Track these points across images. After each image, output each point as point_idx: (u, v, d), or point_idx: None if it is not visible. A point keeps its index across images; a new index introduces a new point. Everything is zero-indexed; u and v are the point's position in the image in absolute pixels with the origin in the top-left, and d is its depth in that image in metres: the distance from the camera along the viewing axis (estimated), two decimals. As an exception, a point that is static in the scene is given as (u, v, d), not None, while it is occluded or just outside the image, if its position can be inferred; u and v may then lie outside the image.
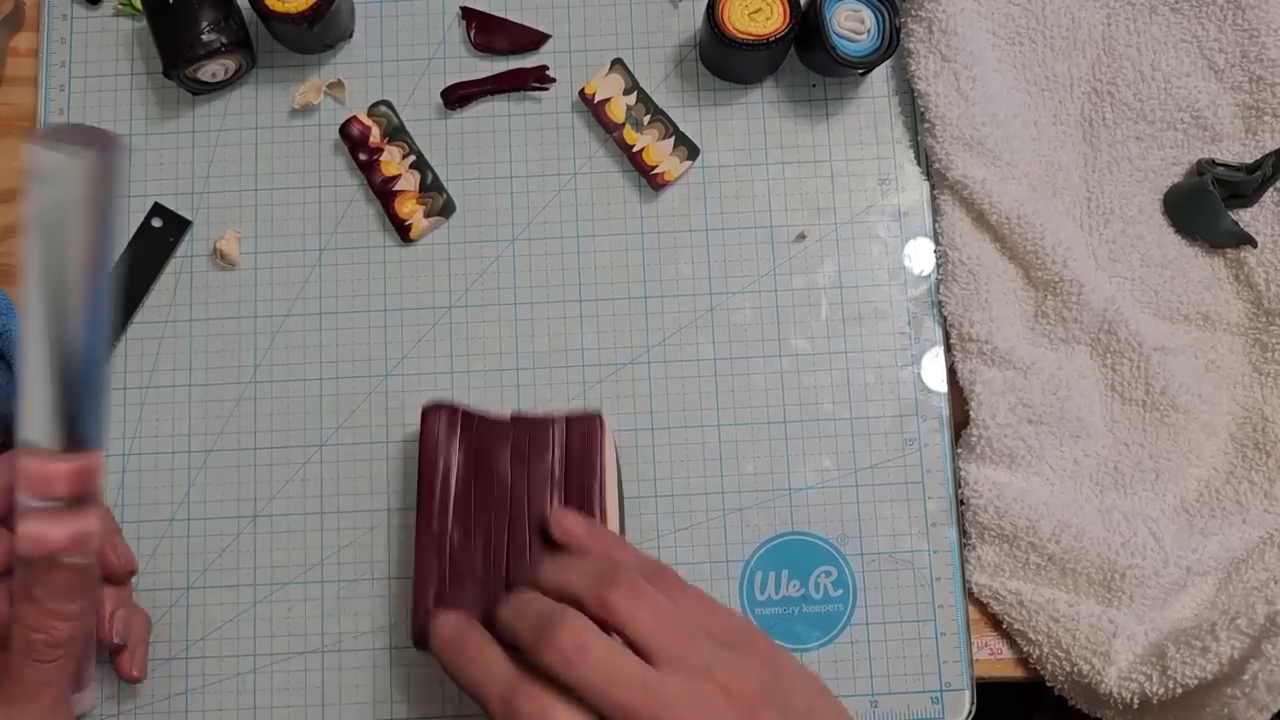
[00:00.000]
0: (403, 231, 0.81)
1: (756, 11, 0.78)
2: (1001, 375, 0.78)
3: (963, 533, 0.78)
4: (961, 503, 0.78)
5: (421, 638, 0.71)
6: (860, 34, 0.78)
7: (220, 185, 0.82)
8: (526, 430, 0.73)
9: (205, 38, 0.78)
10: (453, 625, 0.65)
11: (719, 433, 0.79)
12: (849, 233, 0.82)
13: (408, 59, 0.84)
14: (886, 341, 0.81)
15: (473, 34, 0.83)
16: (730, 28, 0.77)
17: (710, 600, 0.64)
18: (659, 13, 0.84)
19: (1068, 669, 0.74)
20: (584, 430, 0.73)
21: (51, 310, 0.59)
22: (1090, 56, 0.83)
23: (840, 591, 0.77)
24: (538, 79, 0.83)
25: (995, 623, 0.78)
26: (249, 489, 0.79)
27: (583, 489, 0.71)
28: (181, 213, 0.81)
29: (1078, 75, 0.83)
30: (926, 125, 0.80)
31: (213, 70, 0.80)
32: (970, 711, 0.76)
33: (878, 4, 0.78)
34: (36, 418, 0.60)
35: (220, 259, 0.80)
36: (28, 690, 0.62)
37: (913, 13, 0.80)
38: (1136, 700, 0.72)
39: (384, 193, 0.81)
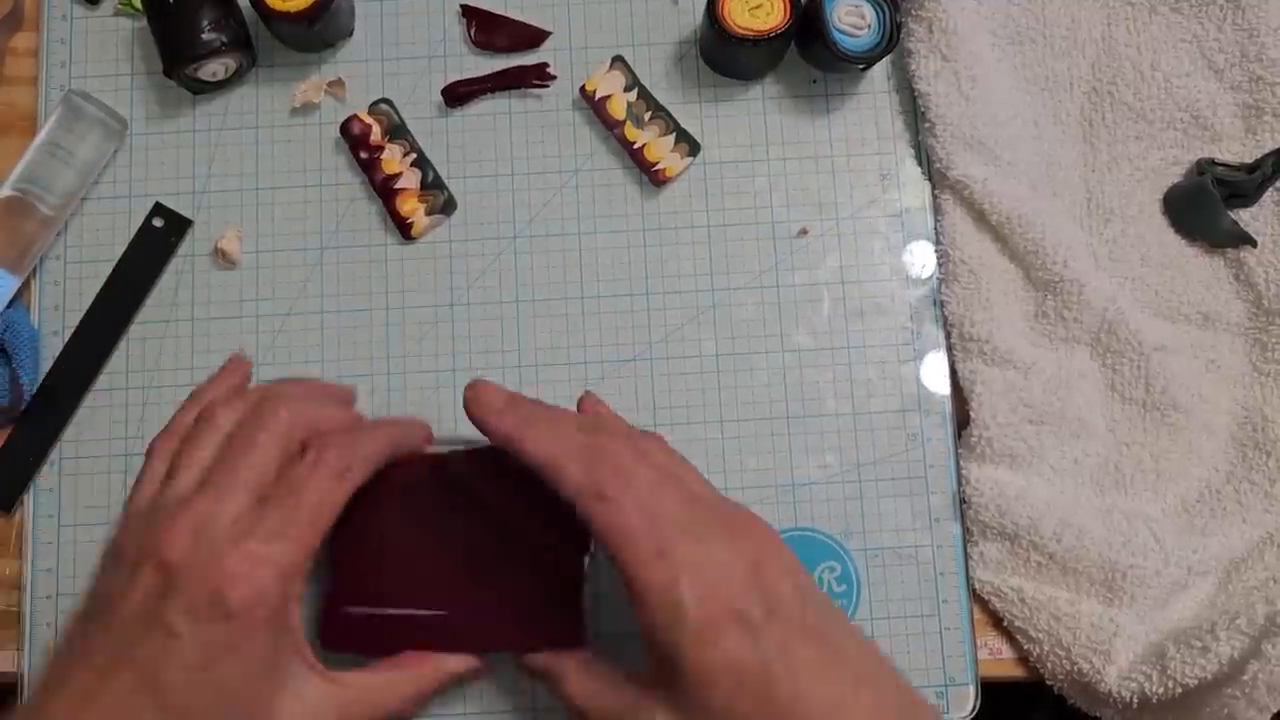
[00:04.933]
0: (404, 229, 0.81)
1: (757, 7, 0.78)
2: (1002, 375, 0.78)
3: (965, 529, 0.78)
4: (963, 500, 0.78)
5: (332, 638, 0.70)
6: (860, 29, 0.78)
7: (221, 184, 0.82)
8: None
9: (205, 37, 0.78)
10: (501, 393, 0.66)
11: (721, 429, 0.80)
12: (850, 228, 0.82)
13: (408, 57, 0.83)
14: (889, 337, 0.81)
15: (473, 32, 0.83)
16: (731, 23, 0.77)
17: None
18: (659, 9, 0.84)
19: (1068, 667, 0.75)
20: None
21: None
22: (1090, 56, 0.83)
23: (844, 587, 0.78)
24: (538, 76, 0.83)
25: (995, 622, 0.78)
26: (253, 488, 0.79)
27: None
28: (182, 212, 0.81)
29: (1078, 75, 0.83)
30: (927, 125, 0.80)
31: (213, 69, 0.80)
32: (975, 707, 0.77)
33: (878, -1, 0.78)
34: None
35: (222, 258, 0.81)
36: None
37: (913, 13, 0.80)
38: (1136, 700, 0.72)
39: (385, 191, 0.81)
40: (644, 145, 0.81)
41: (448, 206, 0.81)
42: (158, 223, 0.81)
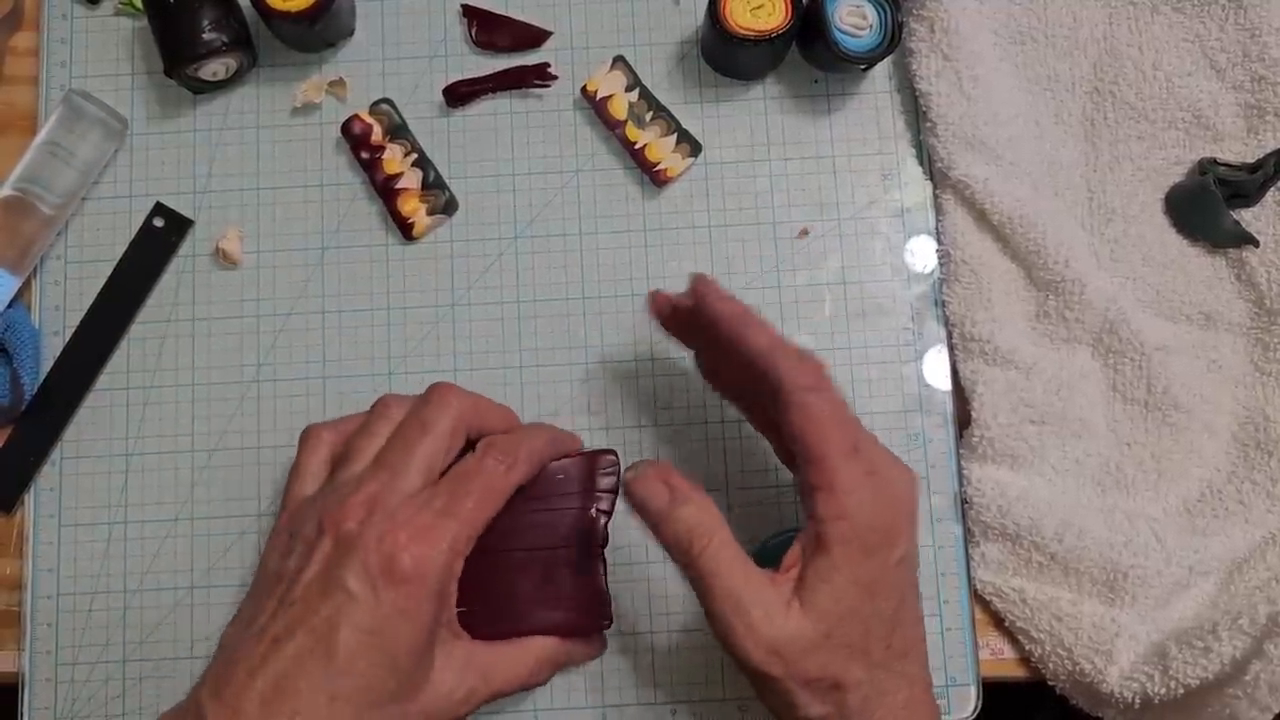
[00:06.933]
0: (405, 230, 0.81)
1: (758, 7, 0.78)
2: (1003, 375, 0.78)
3: (966, 529, 0.78)
4: (965, 501, 0.78)
5: None
6: (862, 29, 0.78)
7: (222, 184, 0.82)
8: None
9: (206, 36, 0.78)
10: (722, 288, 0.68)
11: (722, 429, 0.80)
12: (852, 228, 0.82)
13: (409, 57, 0.83)
14: (890, 337, 0.81)
15: (474, 31, 0.83)
16: (732, 23, 0.77)
17: None
18: (660, 9, 0.84)
19: (1070, 668, 0.75)
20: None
21: None
22: (1092, 56, 0.83)
23: (844, 588, 0.77)
24: (539, 76, 0.83)
25: (997, 622, 0.78)
26: (252, 488, 0.79)
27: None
28: (183, 212, 0.81)
29: (1079, 75, 0.83)
30: (928, 125, 0.80)
31: (214, 69, 0.80)
32: (976, 707, 0.76)
33: (879, -1, 0.78)
34: None
35: (223, 258, 0.81)
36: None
37: (914, 12, 0.80)
38: (1138, 700, 0.72)
39: (386, 191, 0.81)
40: (645, 145, 0.81)
41: (449, 206, 0.81)
42: (158, 223, 0.81)
